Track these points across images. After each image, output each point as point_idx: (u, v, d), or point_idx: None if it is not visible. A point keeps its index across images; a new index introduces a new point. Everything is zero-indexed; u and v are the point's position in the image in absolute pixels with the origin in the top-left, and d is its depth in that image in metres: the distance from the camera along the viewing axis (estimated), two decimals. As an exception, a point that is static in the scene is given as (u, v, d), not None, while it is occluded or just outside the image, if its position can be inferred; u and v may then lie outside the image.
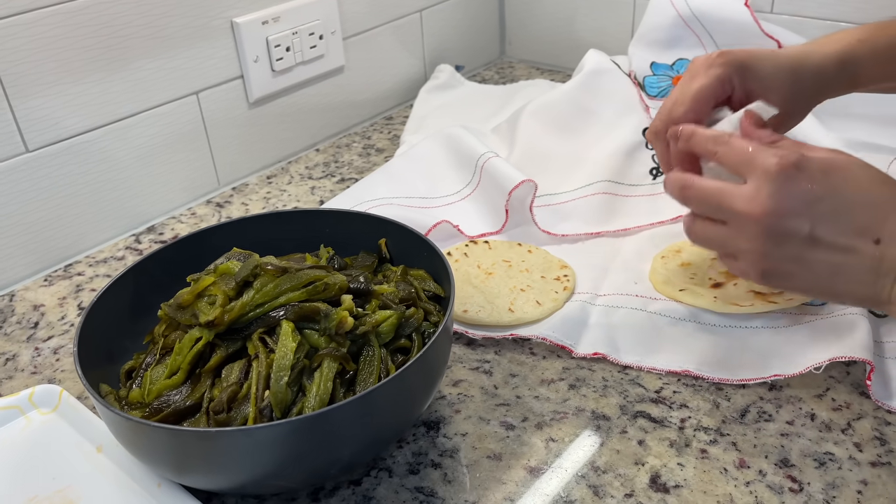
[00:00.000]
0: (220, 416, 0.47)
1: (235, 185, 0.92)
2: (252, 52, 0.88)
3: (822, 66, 0.61)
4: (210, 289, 0.51)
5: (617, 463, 0.52)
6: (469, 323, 0.65)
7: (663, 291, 0.66)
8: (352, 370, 0.50)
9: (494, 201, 0.79)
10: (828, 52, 0.62)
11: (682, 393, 0.58)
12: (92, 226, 0.81)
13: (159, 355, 0.53)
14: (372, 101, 1.07)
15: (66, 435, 0.57)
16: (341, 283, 0.52)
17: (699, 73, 0.59)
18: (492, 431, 0.56)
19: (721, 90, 0.59)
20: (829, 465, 0.51)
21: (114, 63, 0.77)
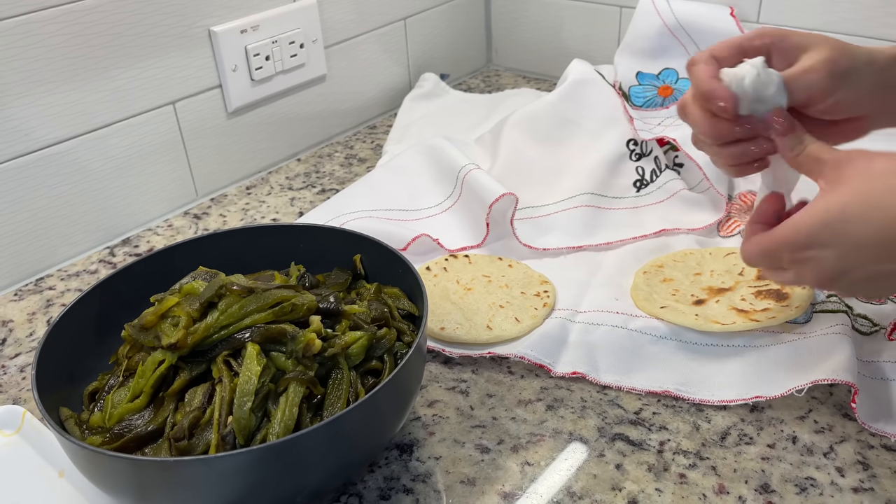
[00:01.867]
0: (182, 443, 0.45)
1: (214, 196, 0.91)
2: (230, 61, 0.86)
3: (856, 53, 0.54)
4: (174, 310, 0.50)
5: (594, 488, 0.51)
6: (446, 341, 0.64)
7: (644, 308, 0.65)
8: (320, 394, 0.48)
9: (475, 214, 0.77)
10: (875, 48, 0.55)
11: (661, 414, 0.57)
12: (64, 239, 0.79)
13: (123, 377, 0.51)
14: (355, 110, 1.06)
15: (28, 458, 0.55)
16: (310, 304, 0.50)
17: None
18: (466, 455, 0.54)
19: (747, 46, 0.55)
20: (810, 490, 0.50)
21: (87, 72, 0.75)
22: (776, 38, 0.55)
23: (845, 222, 0.46)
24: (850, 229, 0.46)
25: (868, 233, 0.46)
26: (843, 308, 0.62)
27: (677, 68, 0.96)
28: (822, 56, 0.53)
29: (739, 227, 0.76)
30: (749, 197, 0.80)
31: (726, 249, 0.72)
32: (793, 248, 0.49)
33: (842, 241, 0.46)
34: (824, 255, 0.47)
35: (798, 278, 0.50)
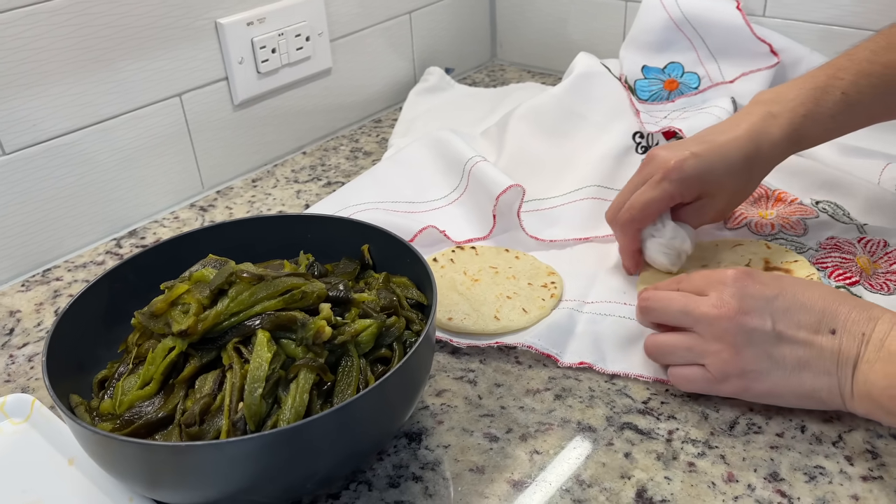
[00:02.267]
0: (192, 429, 0.45)
1: (220, 189, 0.91)
2: (237, 53, 0.86)
3: (773, 154, 0.64)
4: (184, 297, 0.50)
5: (602, 476, 0.51)
6: (454, 331, 0.64)
7: None
8: (329, 381, 0.48)
9: (482, 206, 0.77)
10: (776, 138, 0.63)
11: (669, 404, 0.57)
12: (71, 230, 0.79)
13: (132, 365, 0.51)
14: (360, 103, 1.06)
15: (38, 446, 0.55)
16: (319, 292, 0.50)
17: (652, 184, 0.63)
18: (475, 443, 0.54)
19: (670, 203, 0.64)
20: (819, 479, 0.50)
21: (94, 64, 0.75)
22: (692, 188, 0.64)
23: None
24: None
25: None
26: (851, 299, 0.62)
27: (683, 62, 0.96)
28: (716, 206, 0.66)
29: (746, 219, 0.76)
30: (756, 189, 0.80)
31: (733, 241, 0.72)
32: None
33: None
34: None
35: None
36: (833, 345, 0.50)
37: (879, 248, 0.70)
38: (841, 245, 0.70)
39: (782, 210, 0.76)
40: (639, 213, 0.64)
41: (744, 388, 0.53)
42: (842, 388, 0.50)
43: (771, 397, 0.53)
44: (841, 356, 0.50)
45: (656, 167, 0.64)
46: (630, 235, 0.66)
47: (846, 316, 0.50)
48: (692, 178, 0.63)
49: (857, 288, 0.65)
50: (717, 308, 0.52)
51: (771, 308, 0.51)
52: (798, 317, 0.51)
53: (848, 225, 0.73)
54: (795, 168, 0.81)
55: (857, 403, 0.49)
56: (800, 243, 0.72)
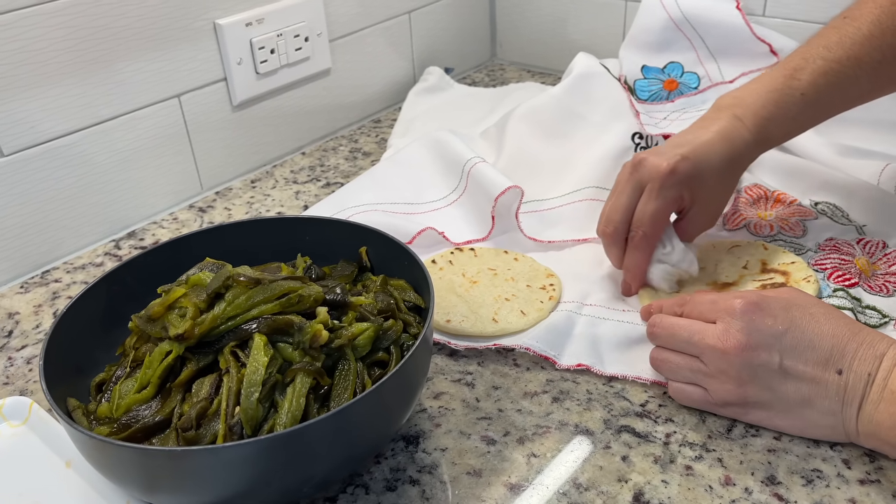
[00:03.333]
0: (189, 433, 0.45)
1: (219, 190, 0.91)
2: (235, 54, 0.86)
3: (745, 154, 0.65)
4: (181, 300, 0.50)
5: (600, 480, 0.51)
6: (452, 333, 0.64)
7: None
8: (326, 385, 0.48)
9: (481, 207, 0.77)
10: (746, 139, 0.64)
11: (667, 406, 0.57)
12: (70, 231, 0.79)
13: (130, 368, 0.51)
14: (359, 103, 1.06)
15: (36, 449, 0.55)
16: (316, 295, 0.50)
17: (653, 194, 0.63)
18: (472, 446, 0.54)
19: (674, 209, 0.64)
20: (816, 482, 0.50)
21: (93, 65, 0.75)
22: (690, 187, 0.63)
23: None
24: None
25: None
26: (848, 305, 0.62)
27: (682, 62, 0.95)
28: (706, 212, 0.66)
29: (745, 220, 0.76)
30: (755, 190, 0.80)
31: (730, 242, 0.71)
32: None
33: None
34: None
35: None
36: (839, 385, 0.49)
37: (879, 249, 0.69)
38: (840, 246, 0.70)
39: (781, 211, 0.76)
40: (650, 228, 0.63)
41: (743, 413, 0.54)
42: (846, 426, 0.50)
43: (774, 425, 0.53)
44: (846, 396, 0.49)
45: (649, 174, 0.63)
46: (646, 253, 0.64)
47: (853, 354, 0.50)
48: (688, 179, 0.63)
49: (857, 289, 0.65)
50: (723, 342, 0.51)
51: (780, 345, 0.51)
52: (806, 355, 0.50)
53: (847, 226, 0.73)
54: (794, 169, 0.81)
55: (861, 440, 0.50)
56: (799, 245, 0.72)
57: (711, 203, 0.67)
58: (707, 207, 0.67)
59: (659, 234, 0.64)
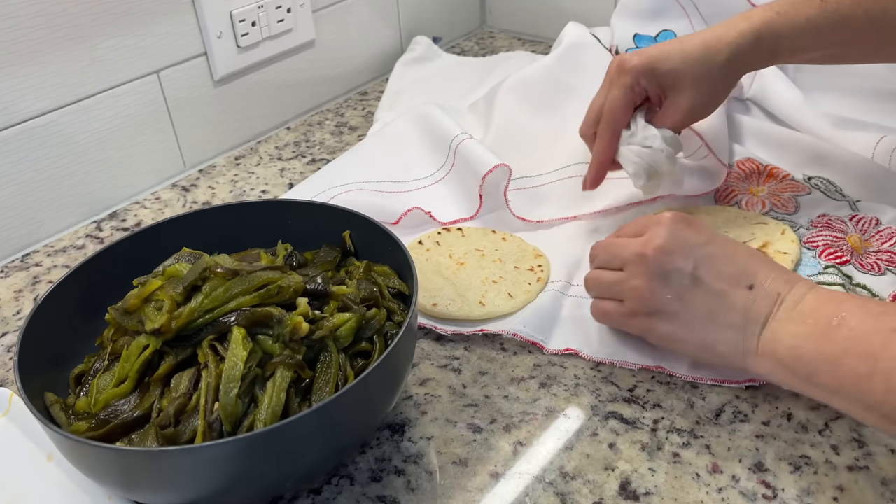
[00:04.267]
0: (167, 430, 0.44)
1: (202, 168, 0.89)
2: (215, 27, 0.84)
3: (738, 43, 0.62)
4: (157, 293, 0.48)
5: (586, 468, 0.51)
6: (438, 317, 0.63)
7: None
8: (308, 378, 0.47)
9: (468, 185, 0.76)
10: (743, 28, 0.62)
11: (655, 391, 0.56)
12: (50, 213, 0.78)
13: (108, 361, 0.50)
14: (345, 75, 1.03)
15: (16, 441, 0.54)
16: (296, 286, 0.49)
17: (612, 83, 0.65)
18: (458, 434, 0.54)
19: (633, 96, 0.65)
20: (804, 469, 0.50)
21: (66, 42, 0.73)
22: (647, 75, 0.63)
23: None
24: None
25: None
26: (839, 281, 0.61)
27: (675, 30, 0.93)
28: (681, 103, 0.64)
29: (737, 197, 0.74)
30: (747, 164, 0.78)
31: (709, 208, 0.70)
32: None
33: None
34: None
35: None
36: (746, 300, 0.50)
37: (871, 226, 0.68)
38: (832, 223, 0.69)
39: (773, 186, 0.75)
40: (609, 115, 0.65)
41: (649, 327, 0.55)
42: (746, 343, 0.50)
43: (672, 341, 0.54)
44: (751, 312, 0.50)
45: (611, 70, 0.65)
46: (606, 140, 0.66)
47: (766, 275, 0.51)
48: (646, 67, 0.63)
49: (848, 268, 0.64)
50: (644, 246, 0.54)
51: (696, 253, 0.52)
52: (720, 267, 0.52)
53: (840, 202, 0.72)
54: (787, 141, 0.80)
55: (758, 361, 0.50)
56: (791, 221, 0.70)
57: (686, 92, 0.64)
58: (680, 97, 0.64)
59: (620, 121, 0.65)
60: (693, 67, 0.63)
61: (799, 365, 0.47)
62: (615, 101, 0.64)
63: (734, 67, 0.63)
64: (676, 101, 0.65)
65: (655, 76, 0.64)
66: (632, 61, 0.63)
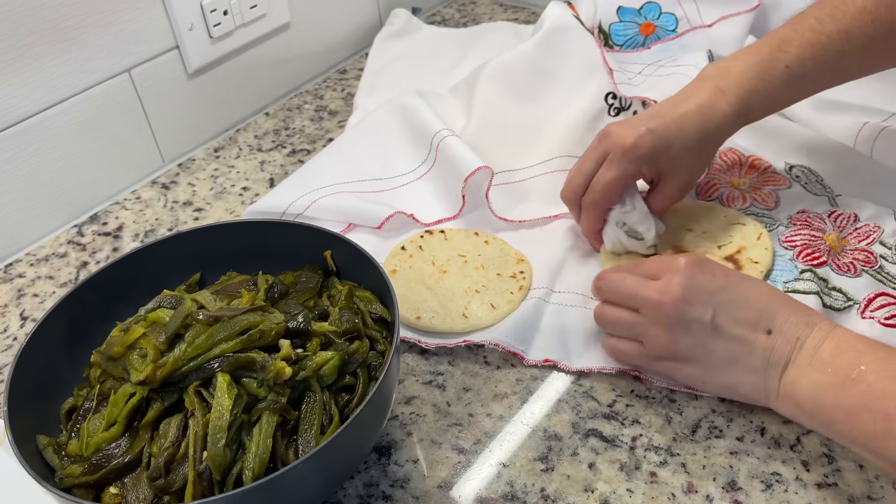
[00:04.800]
0: (159, 481, 0.46)
1: (181, 162, 0.88)
2: (185, 20, 0.81)
3: (723, 128, 0.64)
4: (140, 341, 0.49)
5: (567, 490, 0.53)
6: (422, 330, 0.64)
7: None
8: (293, 419, 0.48)
9: (450, 184, 0.75)
10: (726, 113, 0.63)
11: (634, 407, 0.58)
12: (30, 219, 0.77)
13: (96, 402, 0.51)
14: (322, 53, 1.01)
15: (14, 474, 0.56)
16: (278, 329, 0.50)
17: (612, 162, 0.63)
18: (444, 456, 0.55)
19: (630, 181, 0.65)
20: (775, 487, 0.52)
21: (34, 48, 0.71)
22: (650, 162, 0.64)
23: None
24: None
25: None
26: (814, 289, 0.62)
27: (660, 2, 0.91)
28: (676, 185, 0.66)
29: (719, 191, 0.74)
30: (729, 155, 0.78)
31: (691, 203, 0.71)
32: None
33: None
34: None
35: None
36: (766, 345, 0.51)
37: (849, 223, 0.69)
38: (811, 221, 0.70)
39: (755, 178, 0.75)
40: (601, 196, 0.65)
41: (674, 369, 0.56)
42: (767, 387, 0.52)
43: (696, 382, 0.56)
44: (772, 357, 0.51)
45: (613, 145, 0.63)
46: (594, 216, 0.66)
47: (784, 319, 0.52)
48: (650, 154, 0.63)
49: (824, 269, 0.65)
50: (661, 294, 0.54)
51: (714, 300, 0.53)
52: (738, 313, 0.52)
53: (819, 197, 0.72)
54: (770, 129, 0.79)
55: (780, 403, 0.51)
56: (770, 218, 0.71)
57: (681, 176, 0.66)
58: (675, 180, 0.66)
59: (609, 201, 0.65)
60: (691, 152, 0.64)
61: (819, 413, 0.48)
62: (614, 184, 0.64)
63: (718, 144, 0.66)
64: (673, 183, 0.66)
65: (657, 163, 0.64)
66: (639, 148, 0.62)
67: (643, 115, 0.65)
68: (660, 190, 0.67)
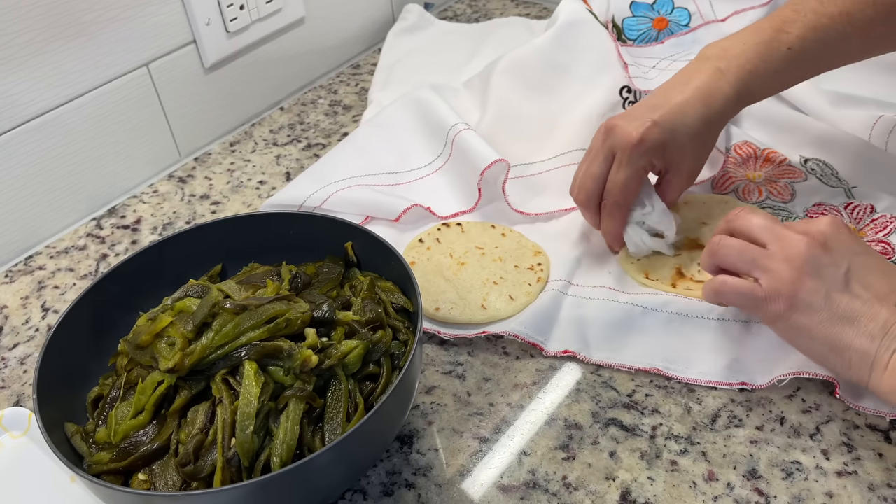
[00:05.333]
0: (188, 468, 0.46)
1: (197, 156, 0.89)
2: (203, 14, 0.82)
3: (725, 110, 0.64)
4: (168, 330, 0.49)
5: (588, 478, 0.53)
6: (441, 321, 0.64)
7: (635, 278, 0.66)
8: (319, 406, 0.49)
9: (466, 177, 0.76)
10: (727, 93, 0.63)
11: (654, 396, 0.58)
12: (49, 213, 0.78)
13: (123, 390, 0.52)
14: (337, 48, 1.01)
15: (39, 461, 0.56)
16: (303, 317, 0.50)
17: (623, 162, 0.63)
18: (465, 445, 0.56)
19: (646, 174, 0.65)
20: (795, 475, 0.52)
21: (55, 42, 0.71)
22: (658, 154, 0.63)
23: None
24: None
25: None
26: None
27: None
28: (685, 173, 0.66)
29: (734, 184, 0.75)
30: (745, 148, 0.78)
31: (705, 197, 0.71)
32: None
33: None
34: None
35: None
36: (891, 316, 0.49)
37: (866, 215, 0.69)
38: (828, 213, 0.70)
39: (770, 171, 0.75)
40: (622, 198, 0.64)
41: (786, 315, 0.52)
42: (877, 356, 0.49)
43: (803, 337, 0.52)
44: (893, 329, 0.49)
45: (619, 142, 0.63)
46: (618, 220, 0.65)
47: None
48: (658, 146, 0.62)
49: (842, 261, 0.65)
50: (803, 234, 0.52)
51: (852, 258, 0.52)
52: (871, 277, 0.51)
53: (836, 189, 0.72)
54: (785, 122, 0.80)
55: (884, 377, 0.49)
56: (787, 210, 0.71)
57: (688, 163, 0.66)
58: (684, 168, 0.66)
59: (630, 201, 0.65)
60: (696, 138, 0.64)
61: None
62: (630, 182, 0.63)
63: (720, 128, 0.66)
64: (682, 171, 0.66)
65: (665, 154, 0.63)
66: (647, 141, 0.61)
67: (642, 105, 0.65)
68: (669, 180, 0.66)
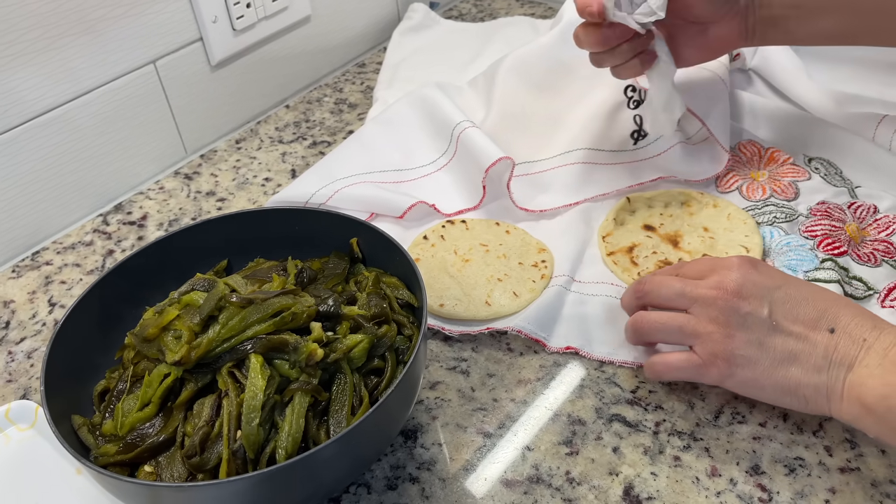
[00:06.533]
0: (194, 459, 0.47)
1: (203, 153, 0.89)
2: (209, 12, 0.82)
3: None
4: (174, 323, 0.50)
5: (591, 473, 0.53)
6: (445, 317, 0.65)
7: (615, 272, 0.67)
8: (324, 400, 0.49)
9: (471, 175, 0.76)
10: None
11: (657, 393, 0.58)
12: (56, 209, 0.78)
13: (130, 383, 0.52)
14: (342, 46, 1.02)
15: (45, 454, 0.57)
16: (309, 312, 0.51)
17: None
18: (469, 440, 0.56)
19: None
20: (798, 471, 0.52)
21: (62, 39, 0.72)
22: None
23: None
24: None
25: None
26: (835, 277, 0.63)
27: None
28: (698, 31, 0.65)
29: (738, 183, 0.75)
30: (749, 147, 0.78)
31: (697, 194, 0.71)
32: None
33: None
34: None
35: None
36: (829, 343, 0.49)
37: (869, 214, 0.69)
38: (831, 211, 0.70)
39: (774, 170, 0.76)
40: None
41: (729, 374, 0.52)
42: (830, 388, 0.49)
43: (753, 388, 0.52)
44: (835, 355, 0.49)
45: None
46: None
47: (849, 319, 0.50)
48: None
49: (845, 259, 0.65)
50: (716, 290, 0.52)
51: (770, 297, 0.52)
52: (797, 310, 0.51)
53: (839, 188, 0.72)
54: (789, 122, 0.80)
55: (844, 406, 0.49)
56: (790, 209, 0.71)
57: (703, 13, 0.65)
58: (695, 28, 0.65)
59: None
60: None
61: (890, 415, 0.46)
62: None
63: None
64: (694, 28, 0.64)
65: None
66: None
67: None
68: (686, 39, 0.66)
